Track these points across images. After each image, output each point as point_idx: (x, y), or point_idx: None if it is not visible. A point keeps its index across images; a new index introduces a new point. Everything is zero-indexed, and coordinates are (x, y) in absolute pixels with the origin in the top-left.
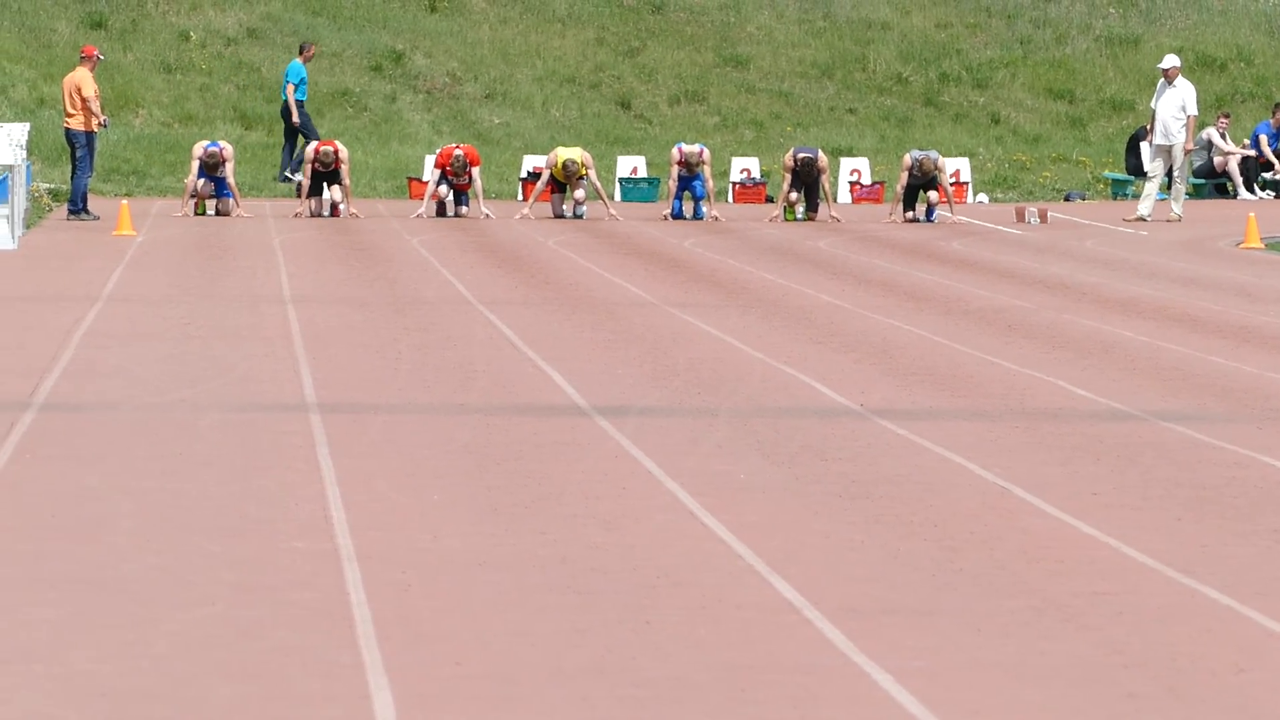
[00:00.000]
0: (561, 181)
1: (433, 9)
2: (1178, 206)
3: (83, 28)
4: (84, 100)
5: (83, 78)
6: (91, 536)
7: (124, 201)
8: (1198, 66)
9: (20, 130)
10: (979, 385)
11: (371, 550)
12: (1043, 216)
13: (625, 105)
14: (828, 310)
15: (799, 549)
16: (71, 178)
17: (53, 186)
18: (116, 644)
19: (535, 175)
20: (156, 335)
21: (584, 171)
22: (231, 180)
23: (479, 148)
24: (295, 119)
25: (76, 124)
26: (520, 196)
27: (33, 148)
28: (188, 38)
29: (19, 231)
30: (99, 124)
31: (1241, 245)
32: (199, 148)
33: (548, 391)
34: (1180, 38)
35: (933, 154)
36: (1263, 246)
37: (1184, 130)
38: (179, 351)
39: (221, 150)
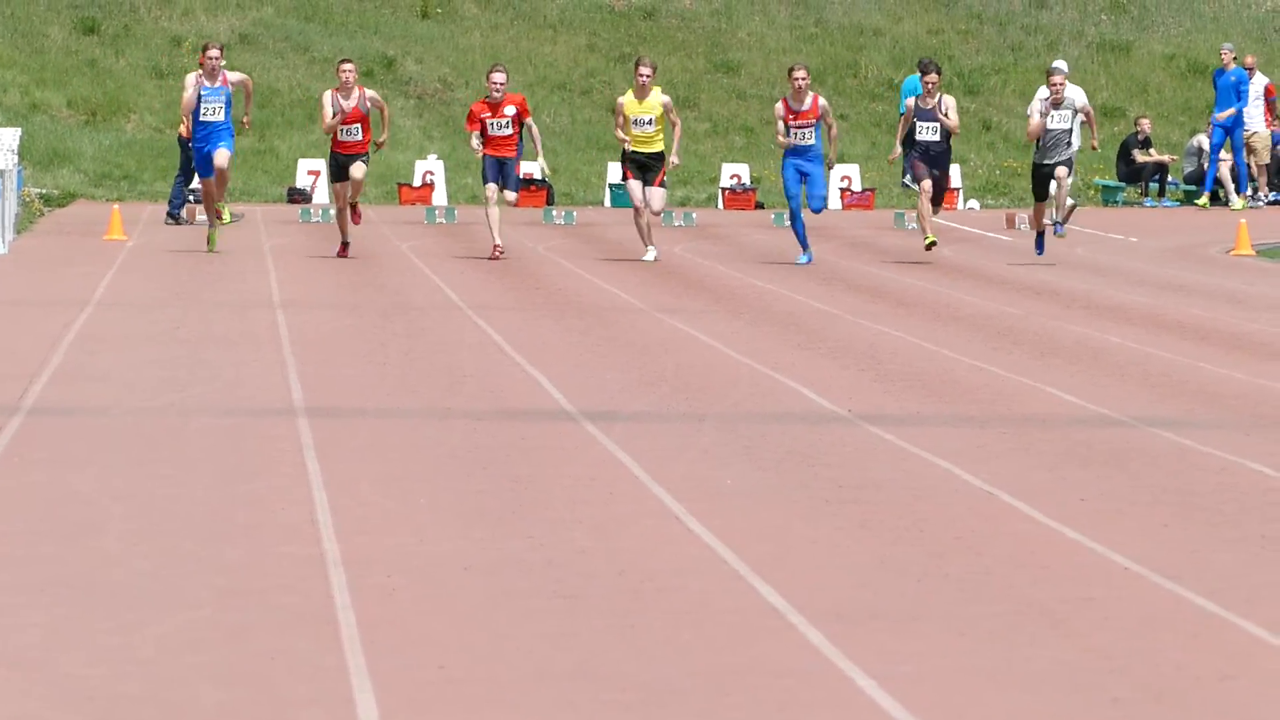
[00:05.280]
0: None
1: (424, 15)
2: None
3: (75, 33)
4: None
5: (187, 82)
6: (80, 541)
7: (115, 206)
8: (1189, 73)
9: (11, 135)
10: (967, 391)
11: (357, 554)
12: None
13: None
14: (816, 316)
15: (785, 554)
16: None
17: (44, 191)
18: (104, 648)
19: (529, 181)
20: (146, 340)
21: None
22: (247, 115)
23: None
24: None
25: (182, 129)
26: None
27: (24, 152)
28: (180, 43)
29: (9, 236)
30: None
31: (1232, 252)
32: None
33: (535, 396)
34: (1172, 44)
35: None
36: (1253, 253)
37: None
38: (168, 356)
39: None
